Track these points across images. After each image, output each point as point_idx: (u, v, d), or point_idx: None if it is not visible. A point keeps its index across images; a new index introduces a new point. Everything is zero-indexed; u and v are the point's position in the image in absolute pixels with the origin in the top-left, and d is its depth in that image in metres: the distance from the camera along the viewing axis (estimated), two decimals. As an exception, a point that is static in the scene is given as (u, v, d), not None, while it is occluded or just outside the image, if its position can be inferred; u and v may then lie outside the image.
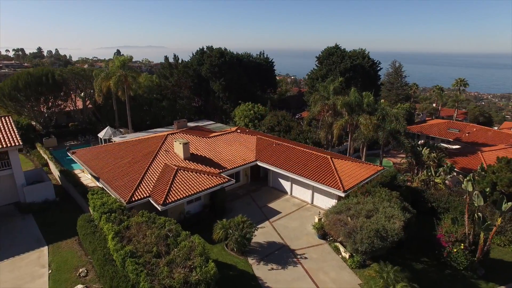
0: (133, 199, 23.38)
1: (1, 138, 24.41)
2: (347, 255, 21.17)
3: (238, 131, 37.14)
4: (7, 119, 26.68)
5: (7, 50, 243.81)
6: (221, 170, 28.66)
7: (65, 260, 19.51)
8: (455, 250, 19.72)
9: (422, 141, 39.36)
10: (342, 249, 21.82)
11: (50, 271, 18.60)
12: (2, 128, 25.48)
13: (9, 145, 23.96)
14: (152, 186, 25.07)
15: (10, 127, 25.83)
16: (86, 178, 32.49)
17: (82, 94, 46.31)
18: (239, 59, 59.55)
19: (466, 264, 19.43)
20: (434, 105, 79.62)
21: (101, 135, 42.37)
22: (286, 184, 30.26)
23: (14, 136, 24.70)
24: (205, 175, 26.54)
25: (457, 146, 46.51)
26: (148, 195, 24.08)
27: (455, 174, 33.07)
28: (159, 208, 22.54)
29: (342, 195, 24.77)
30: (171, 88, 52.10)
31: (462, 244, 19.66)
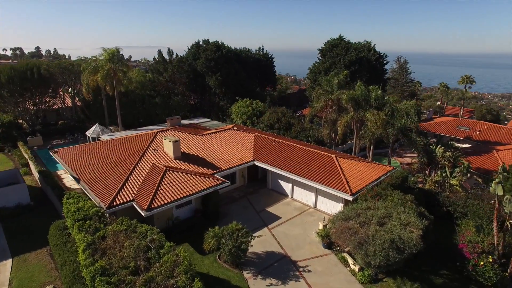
0: (115, 203, 20.75)
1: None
2: (356, 268, 18.55)
3: (235, 128, 34.51)
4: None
5: (4, 49, 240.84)
6: (215, 171, 26.02)
7: (31, 276, 16.83)
8: (481, 263, 17.09)
9: (434, 139, 36.74)
10: (350, 260, 19.20)
11: (10, 290, 15.96)
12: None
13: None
14: (137, 189, 22.43)
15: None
16: (70, 180, 29.84)
17: (70, 89, 43.58)
18: (237, 54, 56.81)
19: (495, 280, 16.80)
20: (438, 103, 77.13)
21: (89, 133, 39.84)
22: (286, 186, 27.62)
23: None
24: (197, 176, 23.90)
25: (468, 145, 43.91)
26: (131, 198, 21.44)
27: (468, 175, 30.48)
28: (143, 214, 19.90)
29: (350, 198, 22.13)
30: (165, 84, 49.38)
31: (491, 257, 17.03)
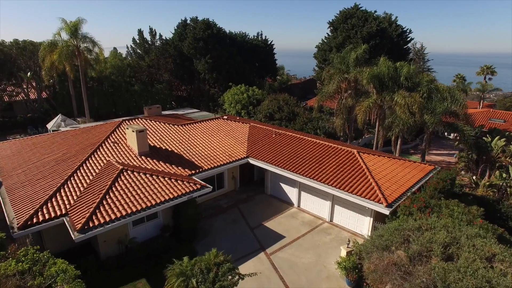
0: (35, 220, 13.80)
1: None
2: (406, 326, 11.55)
3: (225, 117, 27.53)
4: None
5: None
6: (193, 171, 19.04)
7: None
8: None
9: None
10: (394, 311, 12.20)
11: None
12: None
13: None
14: (76, 197, 15.47)
15: None
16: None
17: (29, 74, 36.56)
18: (232, 38, 49.63)
19: None
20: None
21: (49, 125, 32.97)
22: (291, 192, 20.64)
23: None
24: (167, 179, 16.93)
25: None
26: (64, 212, 14.48)
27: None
28: (73, 237, 12.94)
29: (386, 212, 15.15)
30: (147, 70, 42.28)
31: None
